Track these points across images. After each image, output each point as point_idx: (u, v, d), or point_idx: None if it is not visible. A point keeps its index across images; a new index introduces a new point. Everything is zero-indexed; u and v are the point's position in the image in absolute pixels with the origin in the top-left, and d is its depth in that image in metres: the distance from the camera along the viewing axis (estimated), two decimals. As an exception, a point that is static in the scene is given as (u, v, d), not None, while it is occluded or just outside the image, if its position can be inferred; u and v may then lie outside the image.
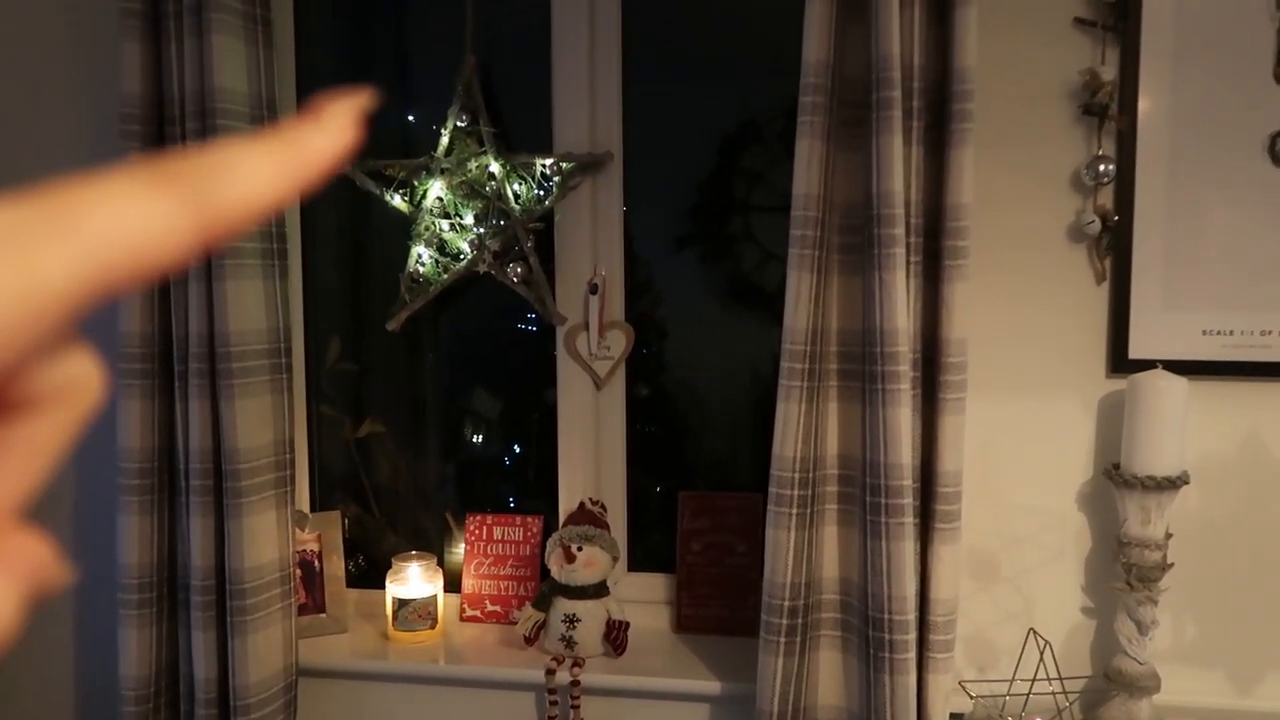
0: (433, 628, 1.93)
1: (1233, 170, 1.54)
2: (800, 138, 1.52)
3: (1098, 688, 1.60)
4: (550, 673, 1.78)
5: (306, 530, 1.98)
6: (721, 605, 1.90)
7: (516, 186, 1.92)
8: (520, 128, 1.97)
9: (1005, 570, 1.68)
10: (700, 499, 1.95)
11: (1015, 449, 1.66)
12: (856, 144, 1.54)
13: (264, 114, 1.76)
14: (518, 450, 2.17)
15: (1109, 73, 1.57)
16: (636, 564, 2.03)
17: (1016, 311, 1.64)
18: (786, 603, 1.58)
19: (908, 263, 1.50)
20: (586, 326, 1.95)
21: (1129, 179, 1.57)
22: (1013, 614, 1.67)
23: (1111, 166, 1.56)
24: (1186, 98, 1.55)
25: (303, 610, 1.95)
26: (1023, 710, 1.50)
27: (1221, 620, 1.63)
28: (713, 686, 1.73)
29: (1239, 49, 1.53)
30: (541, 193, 1.92)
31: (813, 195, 1.52)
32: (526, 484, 2.13)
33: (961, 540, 1.57)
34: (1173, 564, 1.54)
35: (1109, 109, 1.55)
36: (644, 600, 1.99)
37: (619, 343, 1.96)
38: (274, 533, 1.80)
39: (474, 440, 2.18)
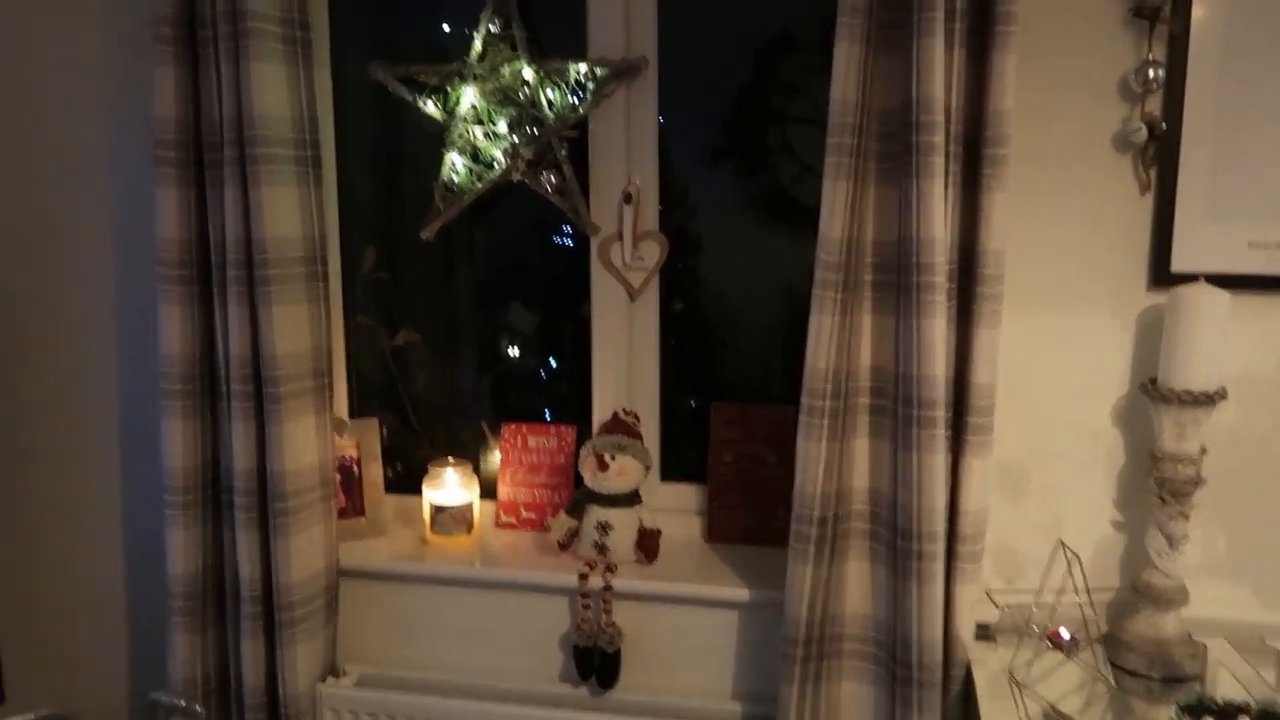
0: (469, 532, 1.98)
1: (1288, 76, 1.49)
2: (839, 41, 1.48)
3: (1125, 600, 1.61)
4: (584, 577, 1.82)
5: (345, 436, 2.02)
6: (752, 515, 1.92)
7: (550, 93, 1.90)
8: (555, 33, 1.94)
9: (1036, 483, 1.68)
10: (732, 409, 1.95)
11: (1051, 363, 1.64)
12: (896, 48, 1.50)
13: (305, 136, 1.76)
14: (552, 361, 2.18)
15: (1167, -28, 1.51)
16: (670, 474, 2.05)
17: (1057, 223, 1.61)
18: (816, 512, 1.59)
19: (946, 171, 1.47)
20: (620, 237, 1.94)
21: (1179, 85, 1.52)
22: (1042, 527, 1.68)
23: (1161, 72, 1.51)
24: (1240, 3, 1.48)
25: (342, 514, 2.00)
26: (1049, 620, 1.51)
27: (1251, 536, 1.63)
28: (741, 593, 1.76)
29: (1302, -53, 1.46)
30: (576, 100, 1.90)
31: (850, 101, 1.49)
32: (561, 395, 2.15)
33: (993, 453, 1.57)
34: (1205, 480, 1.53)
35: (1161, 11, 1.49)
36: (676, 509, 2.02)
37: (653, 253, 1.95)
38: (313, 438, 1.84)
39: (509, 351, 2.19)
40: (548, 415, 2.15)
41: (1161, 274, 1.56)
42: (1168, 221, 1.55)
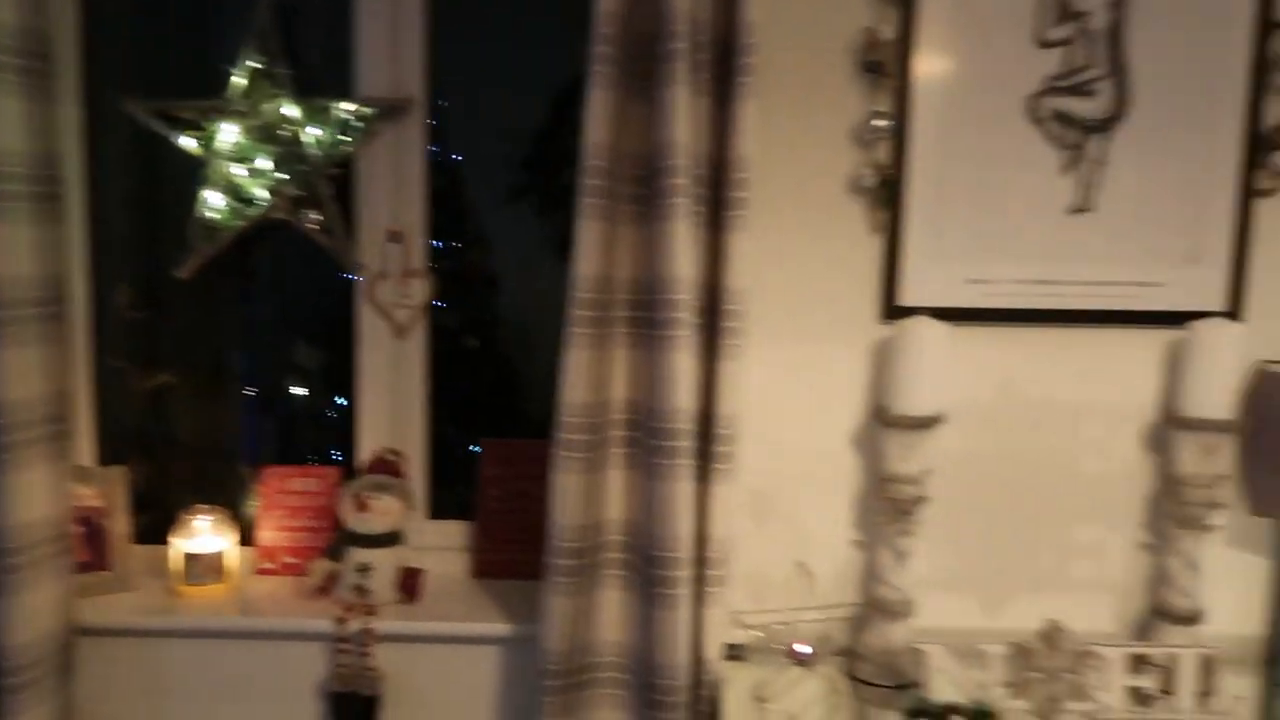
0: (223, 581, 1.89)
1: (997, 129, 1.65)
2: (592, 88, 1.54)
3: (863, 614, 1.70)
4: (340, 621, 1.77)
5: (89, 486, 1.90)
6: (519, 550, 1.93)
7: (315, 131, 1.88)
8: (321, 72, 1.93)
9: (782, 508, 1.77)
10: (501, 446, 1.96)
11: (794, 393, 1.74)
12: (646, 96, 1.57)
13: (43, 172, 1.67)
14: (319, 402, 2.13)
15: (888, 32, 1.65)
16: (441, 512, 2.03)
17: (798, 261, 1.71)
18: (572, 544, 1.61)
19: (691, 212, 1.55)
20: (387, 275, 1.93)
21: (904, 135, 1.65)
22: (789, 549, 1.76)
23: (887, 122, 1.64)
24: (959, 59, 1.64)
25: (85, 568, 1.87)
26: (791, 638, 1.58)
27: (974, 550, 1.76)
28: (502, 629, 1.76)
29: (1006, 14, 1.63)
30: (342, 139, 1.88)
31: (602, 145, 1.55)
32: (329, 435, 2.10)
33: (737, 480, 1.65)
34: (929, 499, 1.65)
35: (886, 66, 1.63)
36: (445, 547, 2.00)
37: (420, 293, 1.95)
38: (48, 488, 1.72)
39: (273, 391, 2.13)
40: (313, 457, 2.10)
41: (891, 308, 1.69)
42: (895, 260, 1.68)
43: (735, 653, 1.70)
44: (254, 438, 2.14)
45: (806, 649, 1.59)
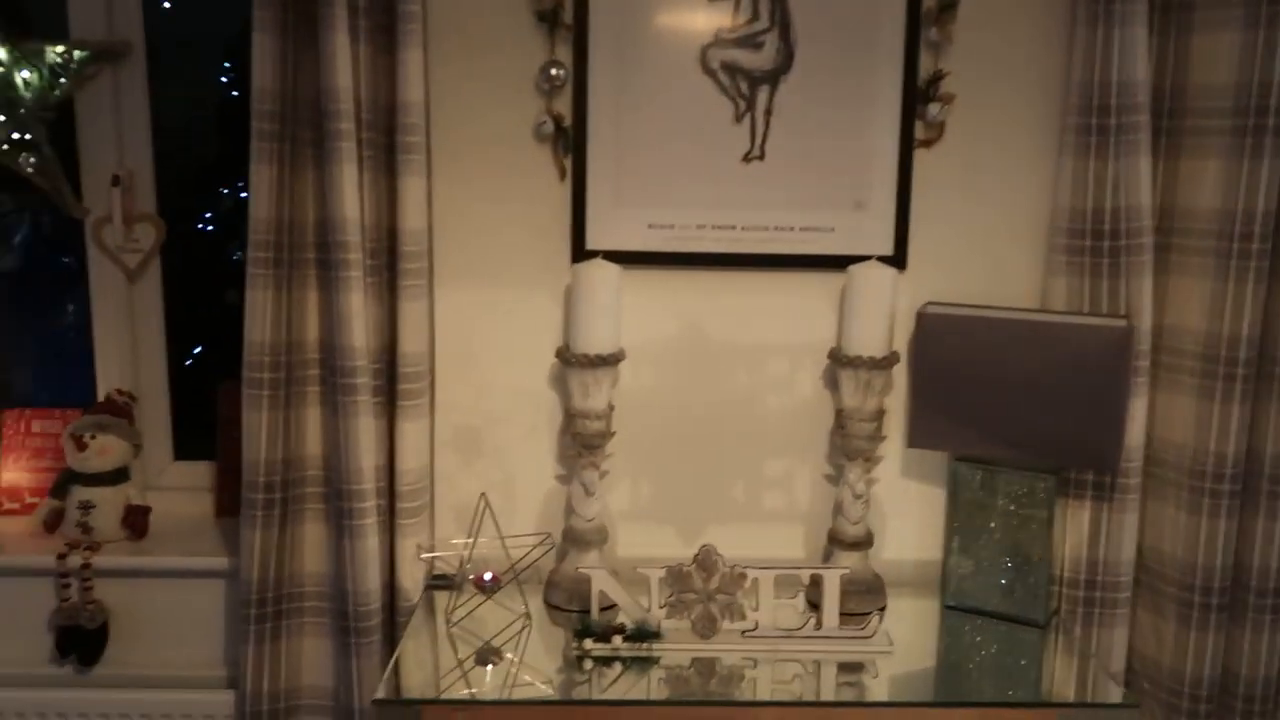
0: (-43, 520, 1.92)
1: (673, 81, 1.71)
2: (255, 32, 1.57)
3: (561, 545, 1.79)
4: (61, 557, 1.82)
5: None
6: (247, 488, 1.98)
7: (26, 74, 1.87)
8: (36, 13, 1.92)
9: (489, 445, 1.84)
10: (237, 387, 2.00)
11: (494, 334, 1.81)
12: (311, 42, 1.60)
13: None
14: (67, 344, 2.15)
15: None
16: (186, 453, 2.07)
17: (492, 206, 1.77)
18: (264, 478, 1.68)
19: (360, 158, 1.59)
20: (112, 218, 1.95)
21: (582, 84, 1.71)
22: (496, 484, 1.83)
23: (564, 71, 1.70)
24: (635, 11, 1.69)
25: None
26: (485, 566, 1.66)
27: (673, 483, 1.86)
28: (220, 562, 1.82)
29: (676, -33, 1.69)
30: (59, 81, 1.89)
31: (269, 90, 1.59)
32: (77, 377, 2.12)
33: (439, 417, 1.72)
34: (615, 432, 1.73)
35: (560, 15, 1.68)
36: (191, 488, 2.05)
37: (149, 235, 1.97)
38: None
39: (22, 334, 2.14)
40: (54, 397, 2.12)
41: (579, 252, 1.75)
42: (582, 205, 1.75)
43: (438, 582, 1.78)
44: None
45: (490, 576, 1.67)
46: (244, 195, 1.67)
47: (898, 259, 1.75)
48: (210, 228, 2.21)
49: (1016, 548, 1.73)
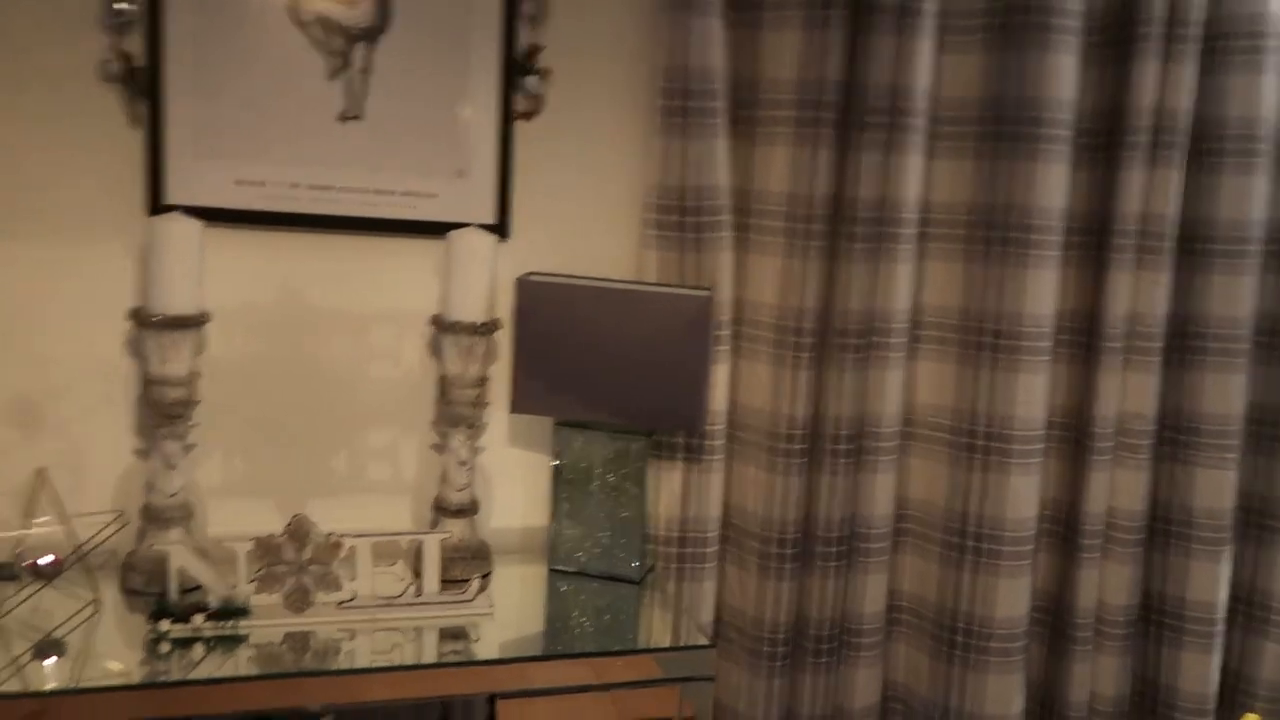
0: None
1: (261, 30, 1.63)
2: None
3: (140, 524, 1.64)
4: None
5: None
6: None
7: None
8: None
9: (53, 418, 1.66)
10: None
11: (52, 295, 1.63)
12: None
13: None
14: None
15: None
16: None
17: (46, 152, 1.59)
18: None
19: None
20: None
21: (157, 23, 1.58)
22: (65, 461, 1.65)
23: (132, 7, 1.56)
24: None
25: None
26: (19, 550, 1.49)
27: (269, 455, 1.77)
28: None
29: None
30: None
31: None
32: None
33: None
34: (199, 401, 1.62)
35: (128, -53, 1.55)
36: None
37: None
38: None
39: None
40: None
41: (157, 207, 1.62)
42: (159, 156, 1.61)
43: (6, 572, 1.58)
44: None
45: (48, 559, 1.50)
46: None
47: (500, 228, 1.78)
48: None
49: (615, 509, 1.81)
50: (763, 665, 1.91)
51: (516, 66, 1.74)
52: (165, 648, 1.45)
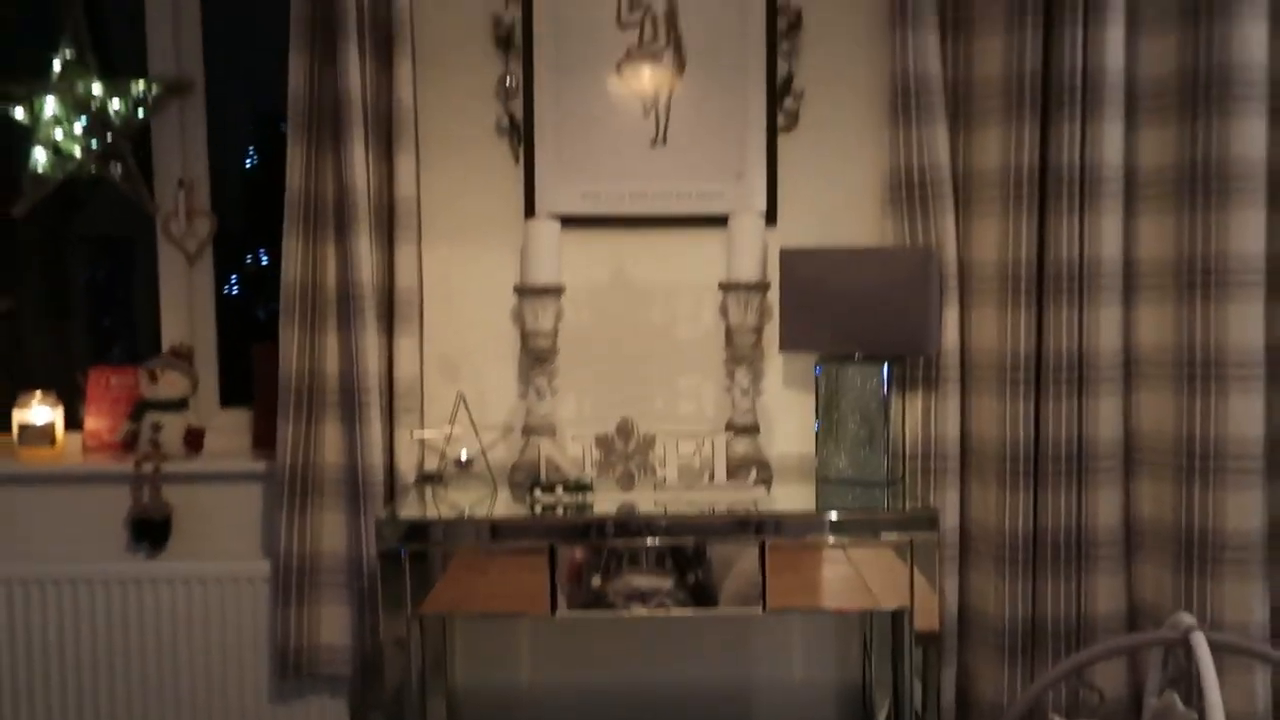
0: (53, 445, 2.48)
1: (597, 86, 2.33)
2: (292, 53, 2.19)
3: (523, 439, 2.33)
4: (137, 464, 2.37)
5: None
6: (279, 415, 2.54)
7: (117, 103, 2.50)
8: (121, 52, 2.56)
9: (466, 370, 2.41)
10: (269, 347, 2.57)
11: (468, 278, 2.39)
12: (331, 58, 2.22)
13: None
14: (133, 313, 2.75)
15: (511, 14, 2.32)
16: (232, 401, 2.64)
17: (467, 181, 2.38)
18: (293, 384, 2.24)
19: (366, 142, 2.20)
20: (177, 214, 2.55)
21: (530, 90, 2.32)
22: (471, 398, 2.39)
23: (515, 81, 2.32)
24: (567, 35, 2.32)
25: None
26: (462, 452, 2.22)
27: (608, 395, 2.41)
28: (257, 465, 2.38)
29: (595, 6, 2.32)
30: (139, 108, 2.51)
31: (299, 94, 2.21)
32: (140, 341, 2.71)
33: (419, 336, 2.29)
34: (559, 352, 2.29)
35: (512, 37, 2.31)
36: (234, 428, 2.60)
37: (204, 227, 2.57)
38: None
39: (95, 309, 2.74)
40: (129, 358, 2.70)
41: (531, 214, 2.35)
42: (532, 180, 2.35)
43: (428, 471, 2.32)
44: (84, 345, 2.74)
45: (465, 456, 2.22)
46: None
47: (769, 215, 2.34)
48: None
49: (868, 429, 2.26)
50: (1005, 570, 2.24)
51: (777, 91, 2.32)
52: (538, 509, 2.08)
